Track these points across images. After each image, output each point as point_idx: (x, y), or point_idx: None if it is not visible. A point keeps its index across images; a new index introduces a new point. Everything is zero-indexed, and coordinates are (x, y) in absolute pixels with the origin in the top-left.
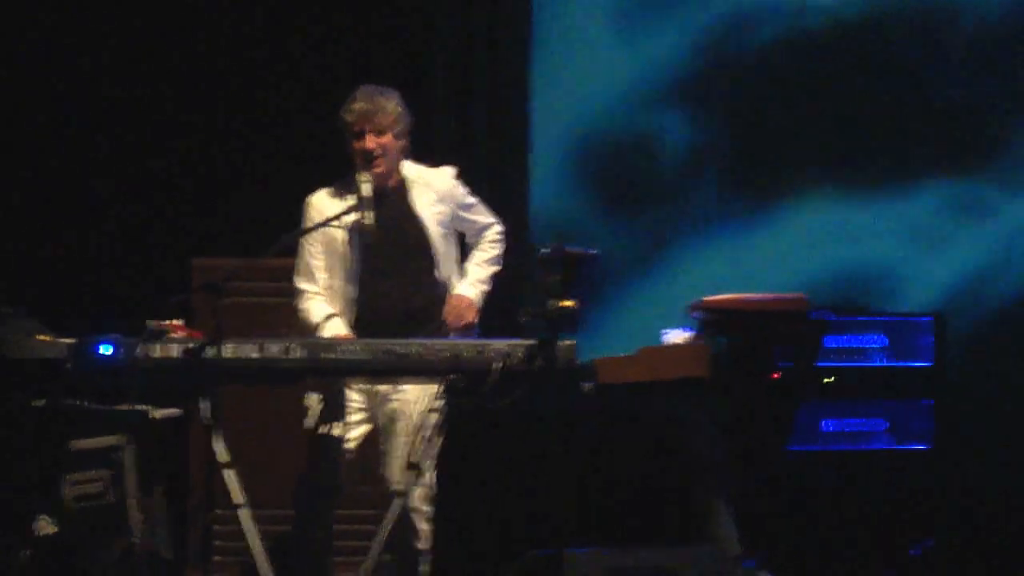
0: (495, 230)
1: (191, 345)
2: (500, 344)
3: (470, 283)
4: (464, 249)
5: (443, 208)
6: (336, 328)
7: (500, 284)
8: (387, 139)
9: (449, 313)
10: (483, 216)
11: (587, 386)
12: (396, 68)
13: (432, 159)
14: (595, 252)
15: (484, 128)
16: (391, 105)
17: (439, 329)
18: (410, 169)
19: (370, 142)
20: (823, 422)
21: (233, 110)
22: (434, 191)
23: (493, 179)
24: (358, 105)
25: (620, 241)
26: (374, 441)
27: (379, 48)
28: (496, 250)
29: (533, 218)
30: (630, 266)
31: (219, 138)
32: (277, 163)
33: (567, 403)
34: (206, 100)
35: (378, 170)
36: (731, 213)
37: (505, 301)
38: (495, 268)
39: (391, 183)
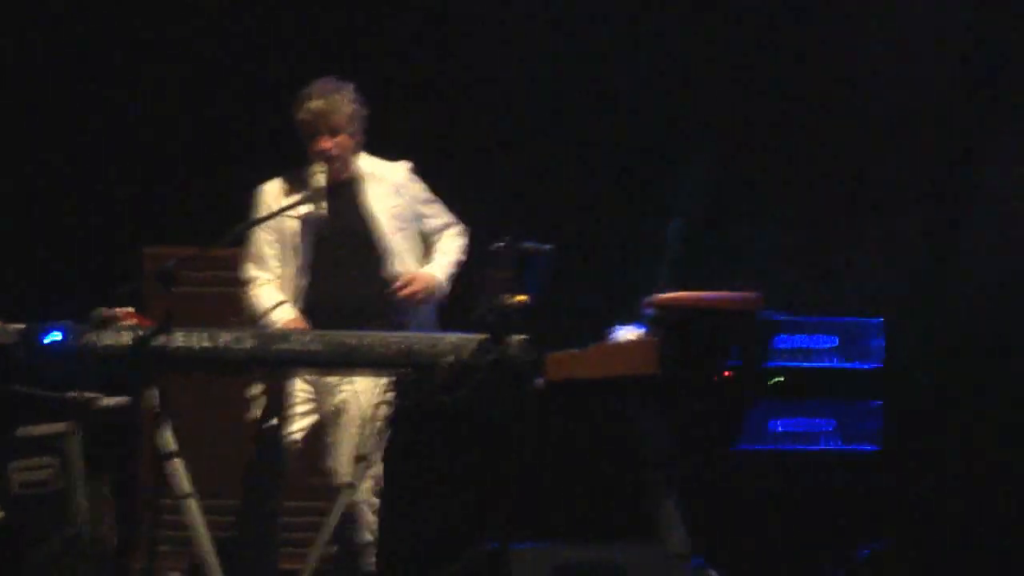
0: (456, 228)
1: (141, 333)
2: (452, 338)
3: (434, 264)
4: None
5: (399, 202)
6: (286, 314)
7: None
8: (342, 138)
9: (405, 278)
10: (442, 215)
11: (537, 382)
12: (349, 57)
13: (388, 151)
14: (548, 247)
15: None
16: (345, 103)
17: (388, 326)
18: (365, 162)
19: (325, 142)
20: (772, 422)
21: (186, 98)
22: (389, 184)
23: (446, 171)
24: (312, 104)
25: (574, 236)
26: (321, 432)
27: (332, 35)
28: (458, 241)
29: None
30: (583, 262)
31: (172, 126)
32: (230, 152)
33: (517, 398)
34: (160, 88)
35: (333, 167)
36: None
37: (458, 295)
38: (460, 257)
39: (345, 175)
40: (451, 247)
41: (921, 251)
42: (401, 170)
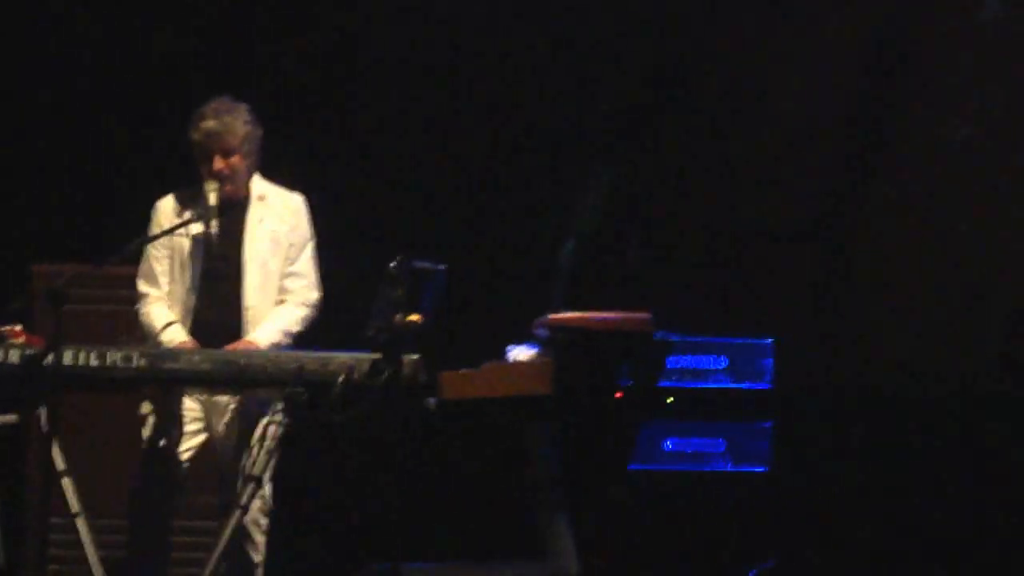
0: (304, 297)
1: (30, 351)
2: (344, 357)
3: (264, 332)
4: None
5: (282, 228)
6: (176, 335)
7: (346, 297)
8: (235, 159)
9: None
10: (303, 266)
11: (430, 401)
12: (240, 75)
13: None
14: (443, 267)
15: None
16: (239, 125)
17: None
18: (259, 185)
19: (218, 163)
20: (663, 442)
21: (77, 115)
22: (278, 210)
23: (340, 191)
24: (206, 125)
25: (468, 256)
26: (211, 451)
27: (223, 54)
28: (299, 313)
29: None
30: (478, 281)
31: (61, 143)
32: (121, 169)
33: (410, 417)
34: (48, 104)
35: (227, 188)
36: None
37: (351, 314)
38: (296, 328)
39: (238, 196)
40: (290, 316)
41: (813, 272)
42: (294, 200)
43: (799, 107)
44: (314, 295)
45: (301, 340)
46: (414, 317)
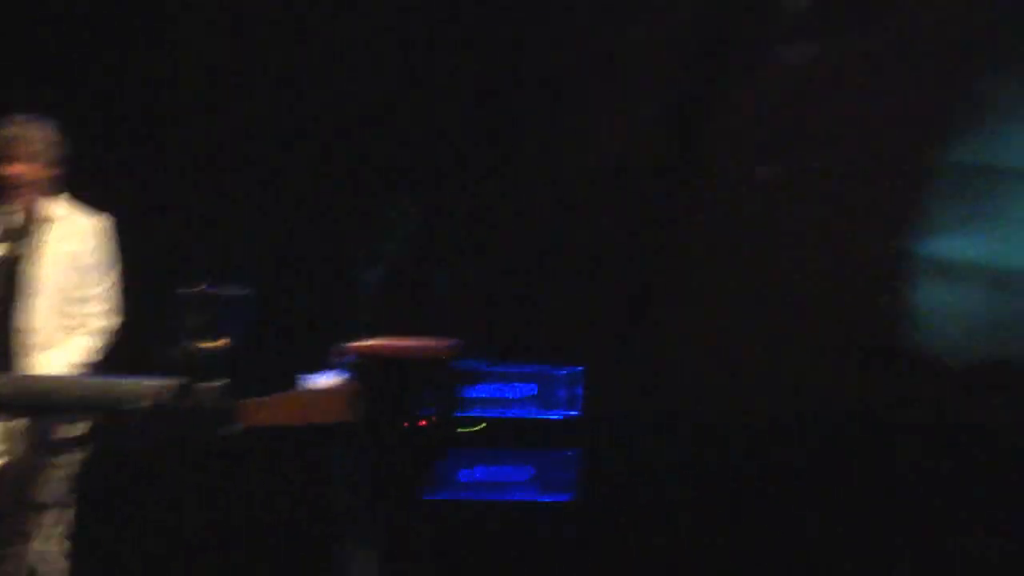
0: (97, 324)
1: None
2: (147, 382)
3: (57, 360)
4: None
5: (80, 249)
6: None
7: (149, 322)
8: (25, 168)
9: None
10: (97, 291)
11: (229, 428)
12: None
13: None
14: (245, 292)
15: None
16: (37, 134)
17: None
18: (60, 206)
19: (8, 168)
20: (468, 471)
21: None
22: (76, 232)
23: (143, 213)
24: (2, 132)
25: (271, 282)
26: (7, 476)
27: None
28: (89, 342)
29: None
30: (289, 306)
31: None
32: None
33: (212, 445)
34: None
35: (17, 200)
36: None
37: (154, 339)
38: (88, 359)
39: (35, 215)
40: (80, 346)
41: (623, 301)
42: (94, 221)
43: (609, 135)
44: (109, 321)
45: (100, 365)
46: (216, 343)
